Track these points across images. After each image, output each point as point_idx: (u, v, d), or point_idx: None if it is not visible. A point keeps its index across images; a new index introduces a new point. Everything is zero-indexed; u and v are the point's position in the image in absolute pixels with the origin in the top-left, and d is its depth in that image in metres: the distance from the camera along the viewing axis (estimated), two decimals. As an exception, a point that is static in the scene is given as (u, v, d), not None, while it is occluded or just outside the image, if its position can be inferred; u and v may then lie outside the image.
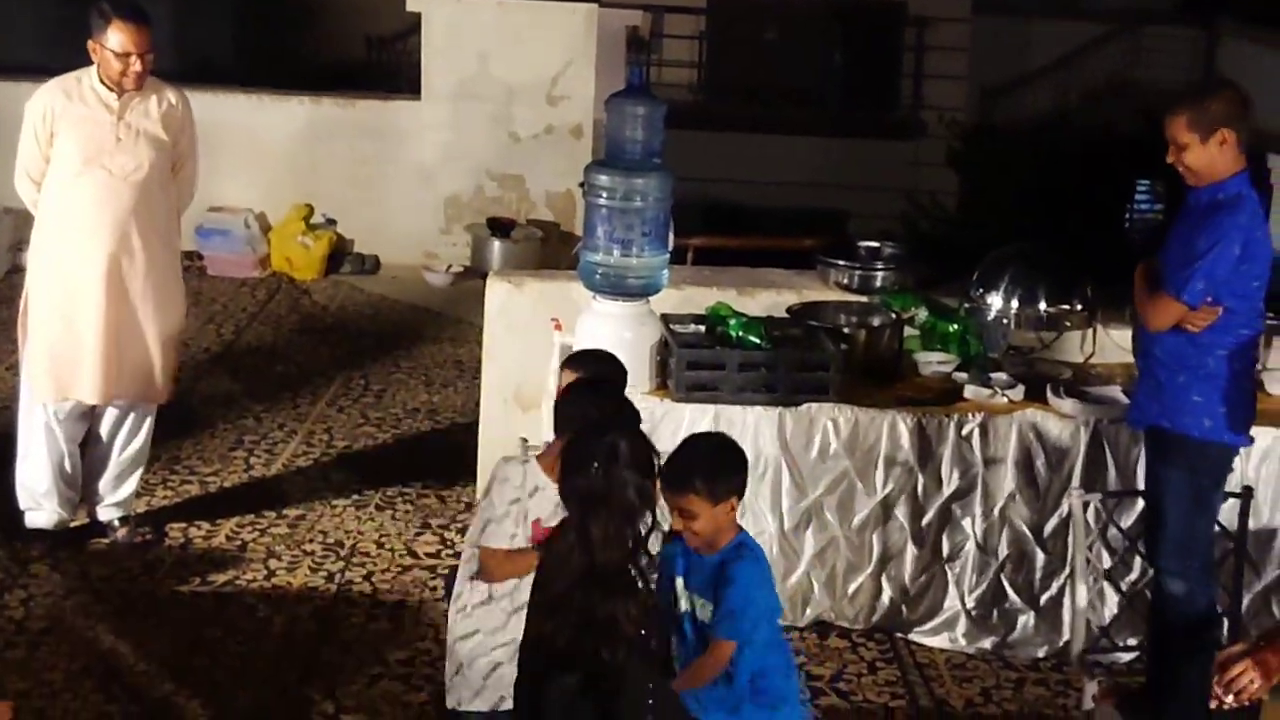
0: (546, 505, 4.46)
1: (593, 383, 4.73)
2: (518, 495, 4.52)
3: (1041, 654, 6.13)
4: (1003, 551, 6.10)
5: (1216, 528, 5.05)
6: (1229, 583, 5.04)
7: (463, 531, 6.96)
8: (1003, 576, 6.13)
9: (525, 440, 5.40)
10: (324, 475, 7.60)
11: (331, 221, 11.59)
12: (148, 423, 6.59)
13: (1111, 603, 5.83)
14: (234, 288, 10.96)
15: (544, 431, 5.28)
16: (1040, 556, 6.09)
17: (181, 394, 6.75)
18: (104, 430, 6.52)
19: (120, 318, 6.31)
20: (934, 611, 6.17)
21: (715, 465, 4.31)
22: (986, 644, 6.14)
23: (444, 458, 7.74)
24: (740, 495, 4.34)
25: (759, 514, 5.98)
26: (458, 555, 5.21)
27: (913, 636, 6.18)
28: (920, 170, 16.05)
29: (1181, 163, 4.78)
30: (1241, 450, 5.29)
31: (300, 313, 10.49)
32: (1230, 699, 3.93)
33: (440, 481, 7.46)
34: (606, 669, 3.76)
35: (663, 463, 4.03)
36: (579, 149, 11.21)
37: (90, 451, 6.59)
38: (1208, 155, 4.67)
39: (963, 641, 6.15)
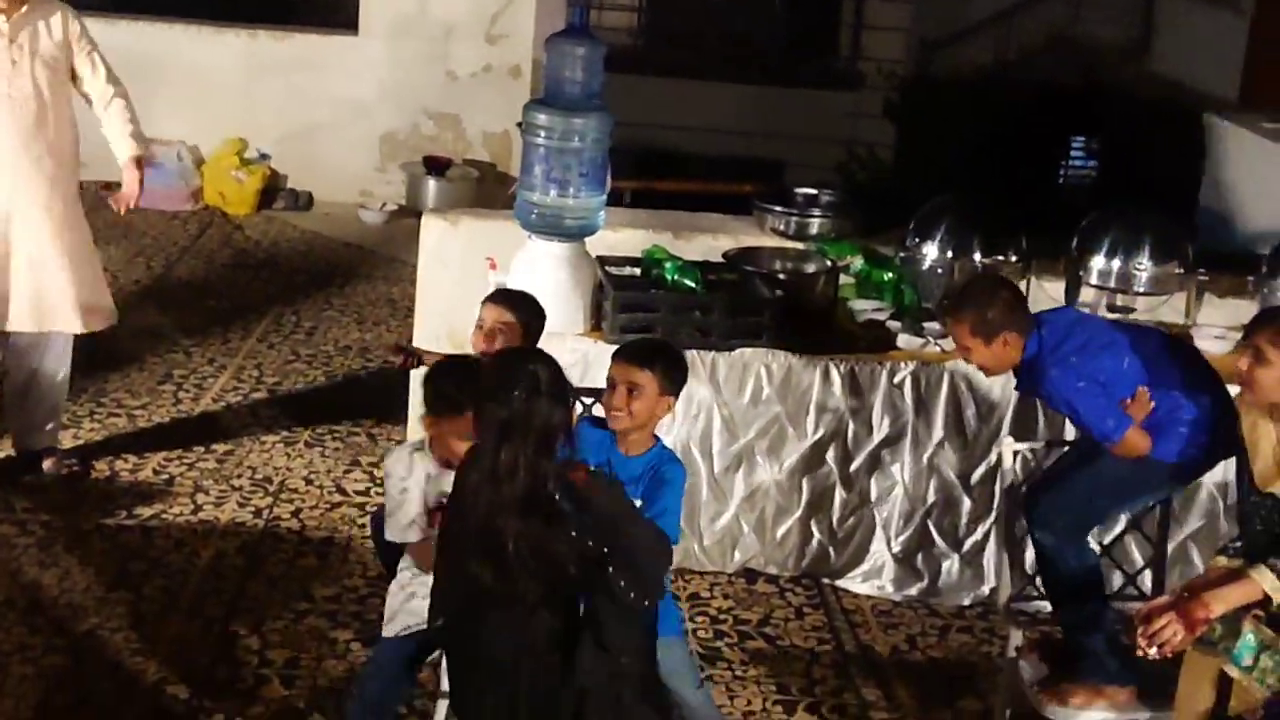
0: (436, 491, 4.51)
1: (464, 363, 4.73)
2: (405, 485, 4.53)
3: (967, 602, 6.19)
4: (930, 498, 6.15)
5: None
6: (1154, 533, 5.08)
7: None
8: (929, 523, 6.17)
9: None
10: (253, 411, 7.55)
11: (265, 156, 11.48)
12: (63, 352, 6.49)
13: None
14: (165, 221, 10.84)
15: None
16: (966, 504, 6.14)
17: (109, 327, 6.67)
18: (20, 360, 6.43)
19: (25, 241, 6.23)
20: (861, 557, 6.21)
21: (675, 359, 4.53)
22: (913, 591, 6.19)
23: (375, 396, 7.70)
24: (674, 401, 4.50)
25: (690, 457, 5.98)
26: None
27: (840, 583, 6.22)
28: (858, 121, 16.05)
29: (971, 362, 4.84)
30: None
31: (232, 248, 10.40)
32: (1154, 651, 3.96)
33: (371, 419, 7.44)
34: (553, 594, 3.75)
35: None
36: (517, 89, 11.15)
37: (8, 382, 6.52)
38: (994, 354, 4.72)
39: (890, 588, 6.19)
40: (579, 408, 4.87)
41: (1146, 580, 5.14)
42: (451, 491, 4.04)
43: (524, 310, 5.02)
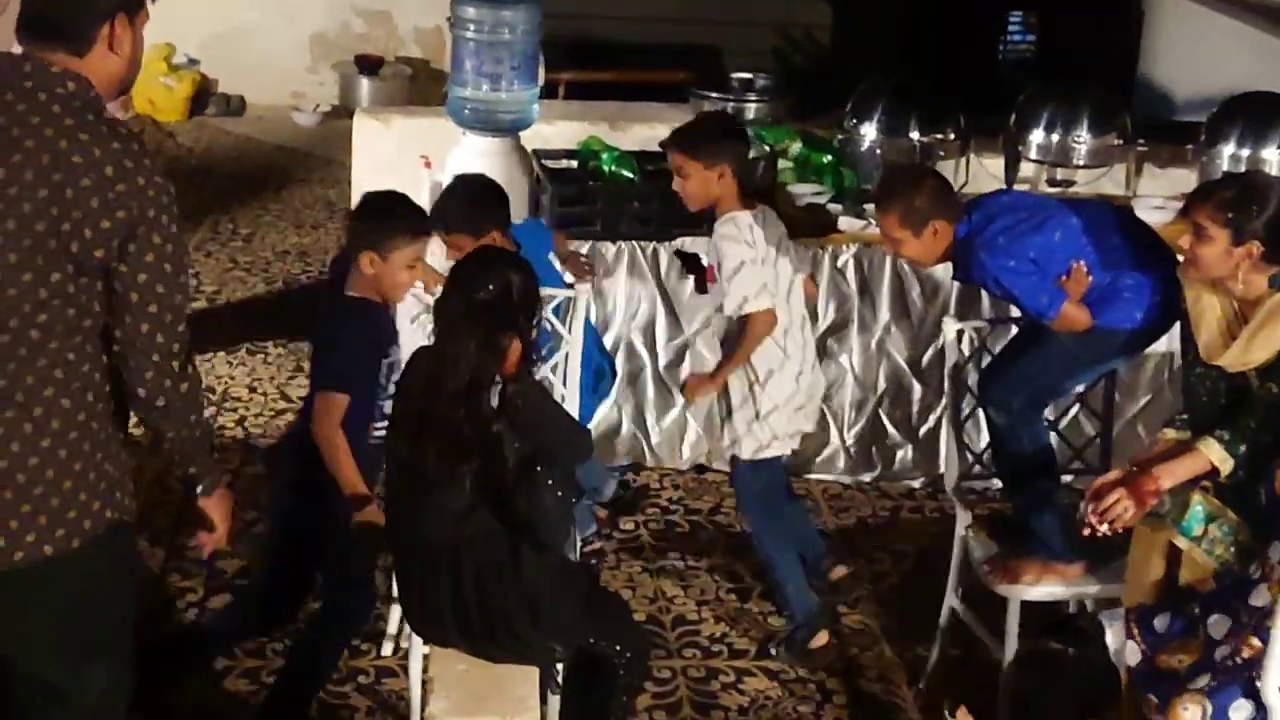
0: None
1: None
2: None
3: (918, 484, 6.20)
4: (880, 385, 6.13)
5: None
6: (1100, 408, 5.08)
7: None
8: (881, 412, 6.16)
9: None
10: (194, 321, 7.43)
11: (194, 61, 11.29)
12: None
13: (985, 431, 5.88)
14: (95, 131, 10.66)
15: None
16: (917, 389, 6.14)
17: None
18: None
19: None
20: (813, 451, 6.19)
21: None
22: (866, 477, 6.20)
23: (316, 301, 7.61)
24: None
25: (634, 351, 5.95)
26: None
27: (792, 479, 6.21)
28: (793, 4, 15.90)
29: (902, 255, 4.77)
30: None
31: (164, 156, 10.24)
32: (1104, 527, 3.97)
33: (313, 325, 7.36)
34: (489, 491, 3.75)
35: None
36: (447, -16, 10.99)
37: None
38: (924, 245, 4.64)
39: (846, 479, 6.20)
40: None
41: (1095, 456, 5.15)
42: (402, 374, 4.02)
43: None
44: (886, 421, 6.19)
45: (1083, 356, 4.73)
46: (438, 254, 4.83)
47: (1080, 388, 5.05)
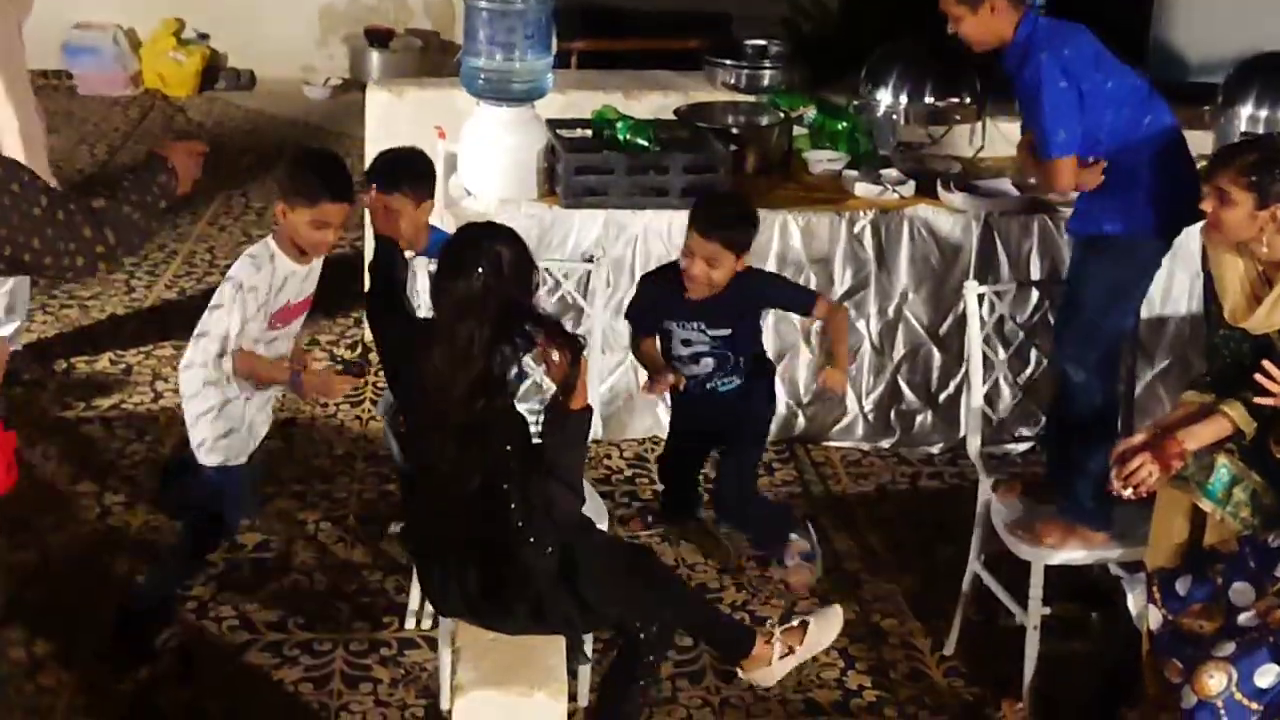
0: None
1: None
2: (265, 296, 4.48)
3: (936, 450, 6.18)
4: (898, 352, 6.11)
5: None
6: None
7: (352, 347, 6.89)
8: (899, 378, 6.14)
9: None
10: (208, 295, 7.39)
11: (204, 36, 11.28)
12: None
13: (1006, 396, 5.87)
14: (106, 106, 10.66)
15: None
16: (937, 355, 6.10)
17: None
18: None
19: None
20: (831, 419, 6.18)
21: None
22: (885, 444, 6.18)
23: (329, 274, 7.54)
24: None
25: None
26: (344, 372, 5.17)
27: (809, 445, 6.20)
28: (803, -30, 15.85)
29: (961, 34, 4.74)
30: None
31: (175, 130, 10.23)
32: (1128, 491, 3.96)
33: (327, 297, 7.30)
34: (493, 477, 3.73)
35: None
36: (456, -45, 10.96)
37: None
38: (981, 22, 4.62)
39: (864, 446, 6.19)
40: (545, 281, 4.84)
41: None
42: (416, 363, 4.00)
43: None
44: (905, 388, 6.16)
45: (1122, 276, 4.70)
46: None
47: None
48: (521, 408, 3.96)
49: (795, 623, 4.37)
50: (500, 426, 3.76)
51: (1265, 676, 3.61)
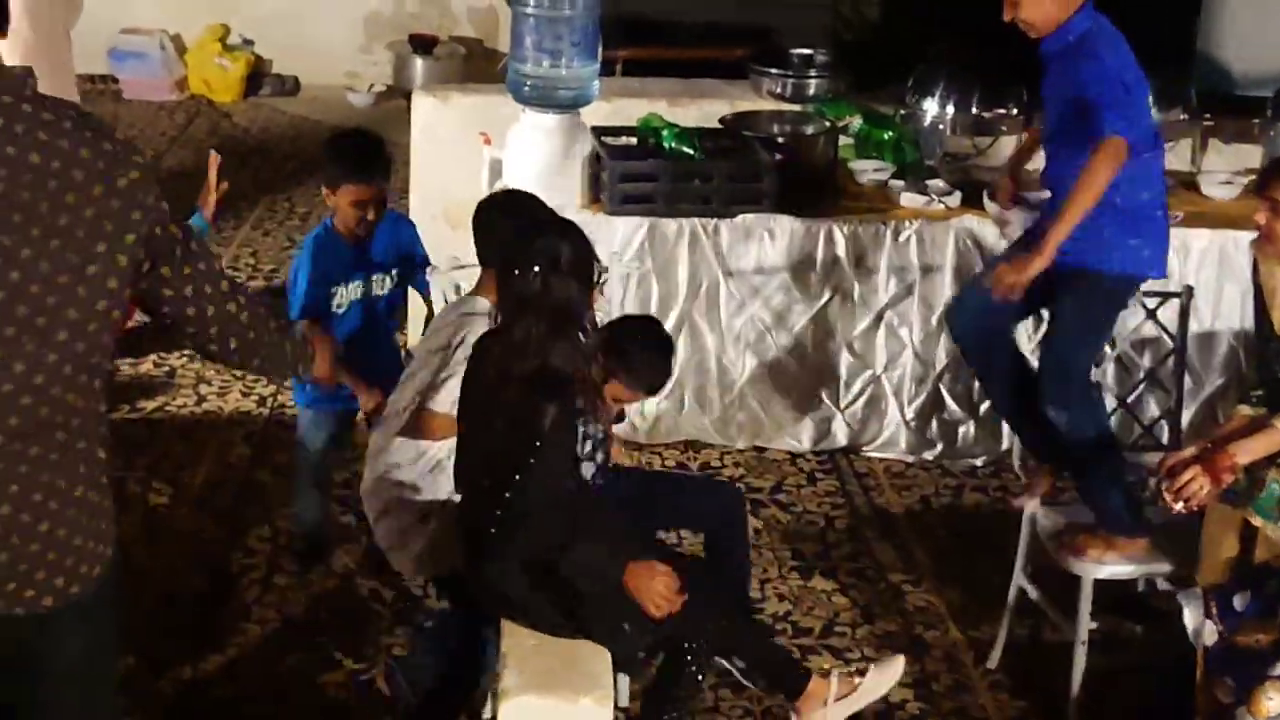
0: None
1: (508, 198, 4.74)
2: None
3: (980, 462, 6.15)
4: (940, 361, 6.08)
5: (1156, 328, 5.04)
6: (1170, 383, 5.03)
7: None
8: (941, 386, 6.11)
9: (457, 258, 5.30)
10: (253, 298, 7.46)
11: (249, 42, 11.31)
12: None
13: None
14: (152, 111, 10.70)
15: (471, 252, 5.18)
16: (980, 366, 6.06)
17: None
18: None
19: None
20: (873, 429, 6.16)
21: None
22: (928, 455, 6.15)
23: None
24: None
25: (697, 330, 5.92)
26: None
27: (852, 455, 6.18)
28: (845, -18, 15.84)
29: (1019, 19, 4.69)
30: (1178, 249, 5.31)
31: (220, 135, 10.26)
32: (1179, 505, 3.92)
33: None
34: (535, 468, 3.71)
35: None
36: (502, -37, 10.97)
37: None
38: (1040, 8, 4.59)
39: (908, 458, 6.16)
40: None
41: (1162, 432, 5.10)
42: (471, 357, 4.00)
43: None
44: (948, 397, 6.13)
45: (1097, 309, 4.68)
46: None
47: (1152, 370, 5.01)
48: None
49: (854, 668, 4.36)
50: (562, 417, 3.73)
51: None
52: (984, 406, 6.10)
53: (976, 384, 6.08)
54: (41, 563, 2.63)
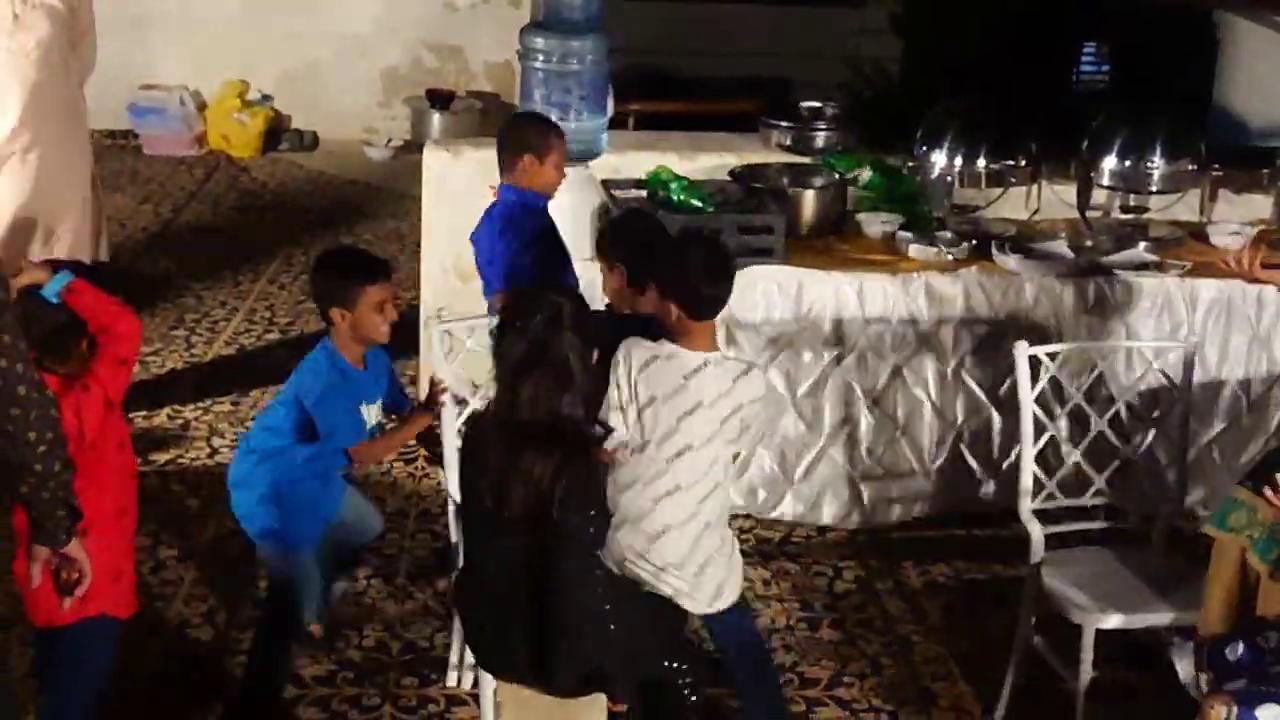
0: None
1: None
2: None
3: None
4: (960, 417, 6.01)
5: (1163, 378, 5.02)
6: (1176, 433, 5.02)
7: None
8: (962, 446, 6.04)
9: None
10: (266, 352, 7.52)
11: (268, 98, 11.41)
12: None
13: (1065, 458, 5.80)
14: (171, 166, 10.79)
15: (483, 304, 5.22)
16: (996, 419, 6.00)
17: (118, 277, 6.66)
18: None
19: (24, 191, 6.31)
20: (895, 492, 6.08)
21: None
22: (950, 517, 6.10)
23: (387, 332, 7.64)
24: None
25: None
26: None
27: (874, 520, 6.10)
28: (863, 38, 15.87)
29: None
30: (1185, 299, 5.31)
31: (239, 190, 10.35)
32: None
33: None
34: (540, 527, 3.69)
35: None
36: (517, 18, 10.97)
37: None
38: None
39: (929, 533, 6.08)
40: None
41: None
42: (473, 417, 4.02)
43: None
44: (969, 457, 6.05)
45: None
46: None
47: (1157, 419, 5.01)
48: None
49: None
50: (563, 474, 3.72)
51: (1268, 712, 3.58)
52: (1005, 465, 6.01)
53: (997, 441, 6.03)
54: None
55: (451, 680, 4.92)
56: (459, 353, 5.01)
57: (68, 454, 3.26)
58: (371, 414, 4.70)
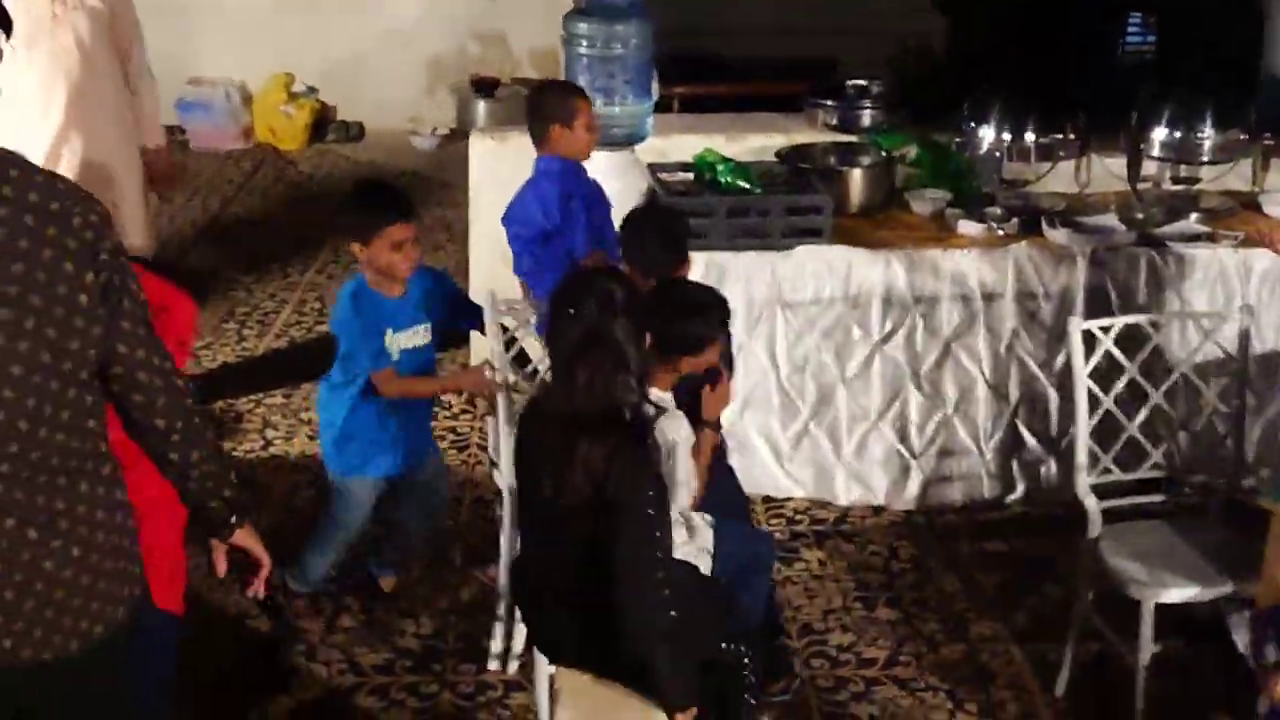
0: None
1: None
2: None
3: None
4: (1014, 394, 6.00)
5: (1218, 350, 4.99)
6: (1233, 405, 4.97)
7: (458, 393, 6.87)
8: (1019, 422, 6.02)
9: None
10: (318, 344, 7.51)
11: (313, 90, 11.44)
12: None
13: (1120, 432, 5.77)
14: (218, 160, 10.84)
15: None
16: (1053, 395, 5.98)
17: (168, 269, 6.67)
18: None
19: None
20: (951, 471, 6.07)
21: None
22: (1009, 499, 6.08)
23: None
24: None
25: (757, 361, 5.90)
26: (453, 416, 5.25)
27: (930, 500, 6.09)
28: (909, 15, 15.80)
29: None
30: (1238, 270, 5.26)
31: (286, 182, 10.38)
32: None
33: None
34: (598, 514, 3.68)
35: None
36: (561, 4, 10.93)
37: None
38: None
39: (992, 516, 6.06)
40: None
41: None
42: (528, 403, 4.02)
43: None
44: (1025, 433, 6.03)
45: None
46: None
47: (1214, 391, 4.97)
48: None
49: None
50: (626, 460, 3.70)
51: None
52: (1064, 441, 5.98)
53: (1054, 417, 5.99)
54: (66, 608, 2.75)
55: (493, 666, 4.93)
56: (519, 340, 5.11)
57: (210, 444, 3.10)
58: (407, 339, 4.94)
